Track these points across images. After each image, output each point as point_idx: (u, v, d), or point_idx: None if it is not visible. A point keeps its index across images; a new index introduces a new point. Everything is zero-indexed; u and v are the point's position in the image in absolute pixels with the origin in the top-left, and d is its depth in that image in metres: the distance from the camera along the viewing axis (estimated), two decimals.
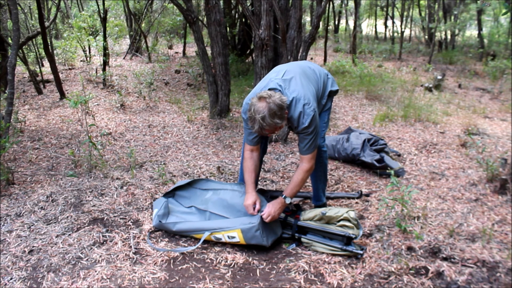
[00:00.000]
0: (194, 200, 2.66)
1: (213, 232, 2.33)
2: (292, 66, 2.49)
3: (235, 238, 2.29)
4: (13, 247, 2.30)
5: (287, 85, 2.29)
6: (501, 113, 5.76)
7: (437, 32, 11.36)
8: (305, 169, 2.35)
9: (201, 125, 4.89)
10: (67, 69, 7.96)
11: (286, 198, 2.34)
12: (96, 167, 3.42)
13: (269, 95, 2.14)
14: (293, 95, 2.24)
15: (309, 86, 2.36)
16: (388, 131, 4.60)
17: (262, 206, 2.38)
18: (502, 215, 2.61)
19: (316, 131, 2.27)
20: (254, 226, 2.24)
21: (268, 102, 2.12)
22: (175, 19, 10.61)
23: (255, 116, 2.12)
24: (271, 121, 2.12)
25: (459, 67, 9.71)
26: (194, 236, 2.41)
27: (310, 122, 2.22)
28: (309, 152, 2.32)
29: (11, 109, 3.45)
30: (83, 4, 11.89)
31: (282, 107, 2.14)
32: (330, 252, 2.28)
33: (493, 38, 12.26)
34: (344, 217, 2.35)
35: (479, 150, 3.82)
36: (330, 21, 15.17)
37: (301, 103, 2.23)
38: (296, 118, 2.25)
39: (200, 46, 4.98)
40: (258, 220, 2.26)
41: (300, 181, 2.35)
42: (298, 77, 2.35)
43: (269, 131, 2.21)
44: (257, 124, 2.14)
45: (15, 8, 3.62)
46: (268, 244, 2.28)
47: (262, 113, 2.11)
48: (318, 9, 4.25)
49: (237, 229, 2.27)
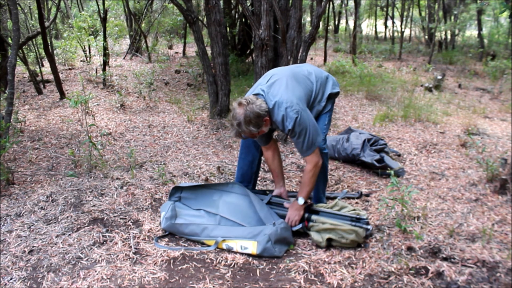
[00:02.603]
0: (202, 201, 2.64)
1: (227, 239, 2.30)
2: (281, 70, 2.51)
3: (247, 249, 2.25)
4: (13, 247, 2.30)
5: (269, 90, 2.31)
6: (501, 113, 5.76)
7: (437, 32, 11.36)
8: (308, 170, 2.37)
9: (201, 125, 4.89)
10: (67, 69, 7.96)
11: (299, 199, 2.39)
12: (96, 167, 3.42)
13: (248, 102, 2.20)
14: (275, 99, 2.26)
15: (295, 89, 2.35)
16: (388, 131, 4.60)
17: (261, 210, 2.40)
18: (502, 215, 2.61)
19: (306, 132, 2.25)
20: (266, 238, 2.24)
21: (245, 109, 2.18)
22: (175, 19, 10.60)
23: (232, 122, 2.22)
24: (246, 128, 2.20)
25: (459, 67, 9.71)
26: (204, 241, 2.37)
27: (294, 125, 2.22)
28: (308, 153, 2.33)
29: (11, 109, 3.45)
30: (83, 4, 11.89)
31: (259, 115, 2.19)
32: (337, 227, 2.25)
33: (493, 38, 12.26)
34: (356, 211, 2.42)
35: (479, 150, 3.82)
36: (330, 21, 15.16)
37: (283, 106, 2.23)
38: (280, 122, 2.26)
39: (200, 46, 4.98)
40: (270, 230, 2.25)
41: (308, 181, 2.38)
42: (284, 80, 2.35)
43: (248, 136, 2.29)
44: (234, 129, 2.24)
45: (15, 8, 3.62)
46: (281, 255, 2.26)
47: (238, 120, 2.20)
48: (318, 9, 4.24)
49: (254, 241, 2.24)
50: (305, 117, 2.27)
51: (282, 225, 2.31)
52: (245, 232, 2.31)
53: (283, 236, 2.30)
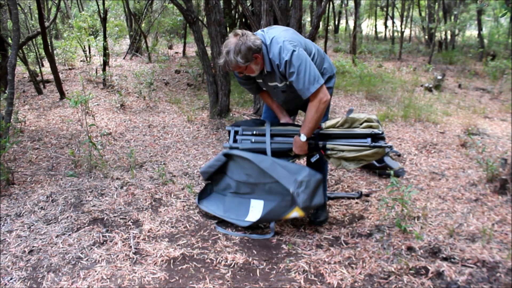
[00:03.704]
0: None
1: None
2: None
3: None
4: (13, 247, 2.30)
5: (268, 30, 2.33)
6: (501, 113, 5.77)
7: (437, 32, 11.36)
8: (312, 105, 2.22)
9: (201, 125, 4.89)
10: (67, 69, 7.96)
11: (301, 136, 2.30)
12: (96, 167, 3.42)
13: (242, 34, 2.20)
14: (273, 35, 2.25)
15: (295, 34, 2.34)
16: (388, 131, 4.60)
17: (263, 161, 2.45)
18: (502, 215, 2.61)
19: (306, 67, 2.16)
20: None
21: (238, 39, 2.17)
22: (175, 19, 10.61)
23: (223, 49, 2.21)
24: (234, 58, 2.18)
25: (459, 67, 9.71)
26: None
27: (291, 56, 2.15)
28: (312, 89, 2.17)
29: (11, 109, 3.45)
30: (83, 4, 11.89)
31: (251, 48, 2.18)
32: (358, 151, 2.20)
33: (493, 38, 12.27)
34: (367, 118, 2.29)
35: (479, 150, 3.82)
36: (330, 21, 15.17)
37: (281, 39, 2.20)
38: (277, 54, 2.20)
39: (200, 46, 4.98)
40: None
41: (311, 117, 2.24)
42: (284, 27, 2.40)
43: (234, 68, 2.27)
44: (222, 57, 2.22)
45: (15, 8, 3.62)
46: (323, 200, 2.39)
47: (228, 48, 2.19)
48: (318, 9, 4.25)
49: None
50: (303, 53, 2.20)
51: (302, 188, 2.30)
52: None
53: (311, 194, 2.32)
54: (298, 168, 2.38)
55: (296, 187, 2.29)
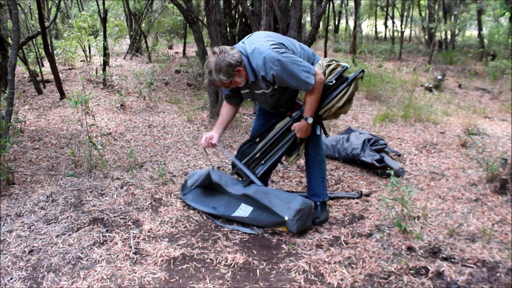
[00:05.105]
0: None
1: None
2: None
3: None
4: (13, 247, 2.30)
5: (248, 40, 2.35)
6: (501, 113, 5.77)
7: (437, 32, 11.36)
8: (312, 91, 2.31)
9: (201, 125, 4.89)
10: (67, 69, 7.96)
11: (308, 119, 2.40)
12: (96, 167, 3.42)
13: (220, 51, 2.22)
14: (254, 46, 2.26)
15: (276, 36, 2.37)
16: (388, 131, 4.60)
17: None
18: (502, 215, 2.61)
19: (295, 66, 2.21)
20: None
21: (217, 58, 2.20)
22: (175, 19, 10.60)
23: (205, 70, 2.26)
24: (217, 76, 2.22)
25: (459, 67, 9.71)
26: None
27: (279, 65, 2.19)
28: (311, 82, 2.26)
29: (11, 109, 3.45)
30: (83, 4, 11.88)
31: (230, 64, 2.20)
32: (344, 94, 2.45)
33: (493, 38, 12.28)
34: (325, 66, 2.48)
35: (479, 150, 3.82)
36: (330, 21, 15.17)
37: (263, 48, 2.22)
38: (261, 65, 2.23)
39: (200, 46, 4.98)
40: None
41: (314, 100, 2.35)
42: (264, 33, 2.42)
43: (220, 85, 2.31)
44: (206, 77, 2.28)
45: (15, 8, 3.62)
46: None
47: (209, 68, 2.23)
48: (318, 9, 4.25)
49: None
50: (287, 55, 2.22)
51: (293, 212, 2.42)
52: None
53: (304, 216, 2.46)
54: (290, 197, 2.53)
55: (293, 216, 2.40)
